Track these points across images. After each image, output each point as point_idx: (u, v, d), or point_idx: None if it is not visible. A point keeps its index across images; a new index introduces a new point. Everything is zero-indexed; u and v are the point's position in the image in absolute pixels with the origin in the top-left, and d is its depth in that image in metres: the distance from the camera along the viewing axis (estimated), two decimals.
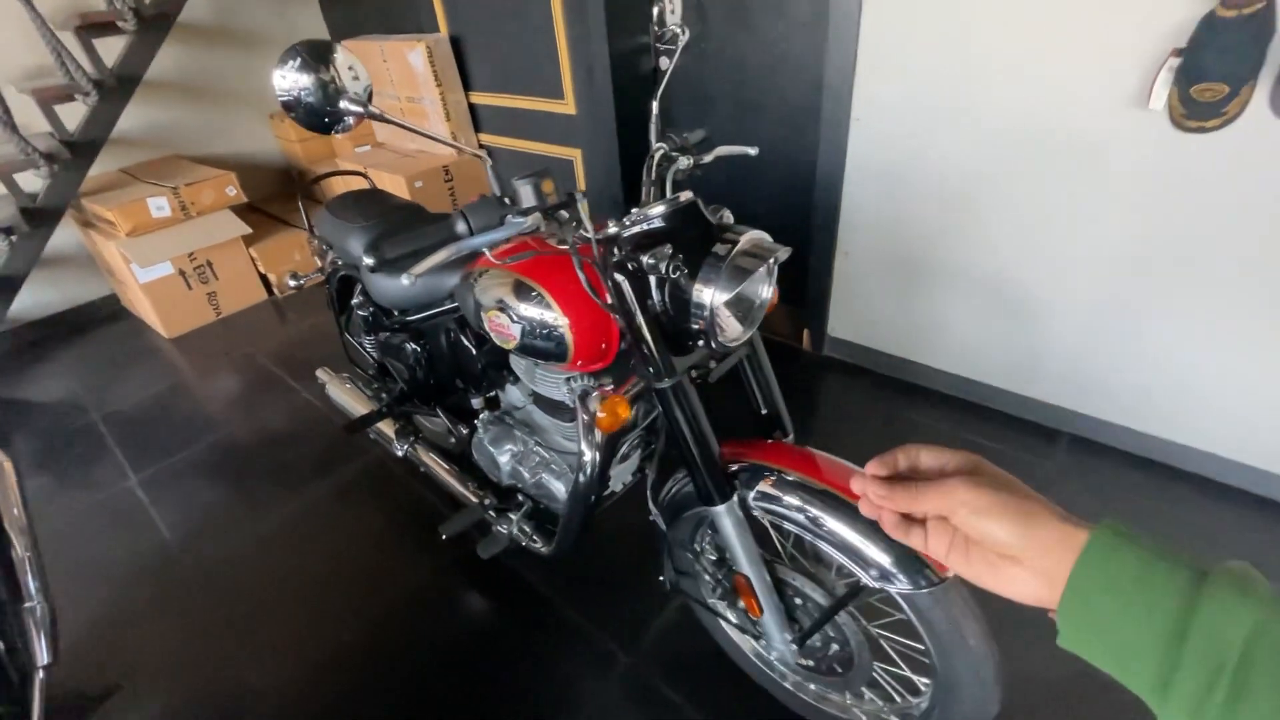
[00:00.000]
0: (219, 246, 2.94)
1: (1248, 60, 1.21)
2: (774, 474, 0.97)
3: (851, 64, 1.78)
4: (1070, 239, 1.63)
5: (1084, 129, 1.49)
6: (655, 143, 1.06)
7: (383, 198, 1.67)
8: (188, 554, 1.78)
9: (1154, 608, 0.31)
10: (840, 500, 0.91)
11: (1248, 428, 1.58)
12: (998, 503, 0.38)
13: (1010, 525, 0.37)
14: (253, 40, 3.43)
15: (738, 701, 1.30)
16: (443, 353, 1.40)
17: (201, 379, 2.63)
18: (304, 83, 0.71)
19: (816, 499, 0.93)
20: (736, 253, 0.81)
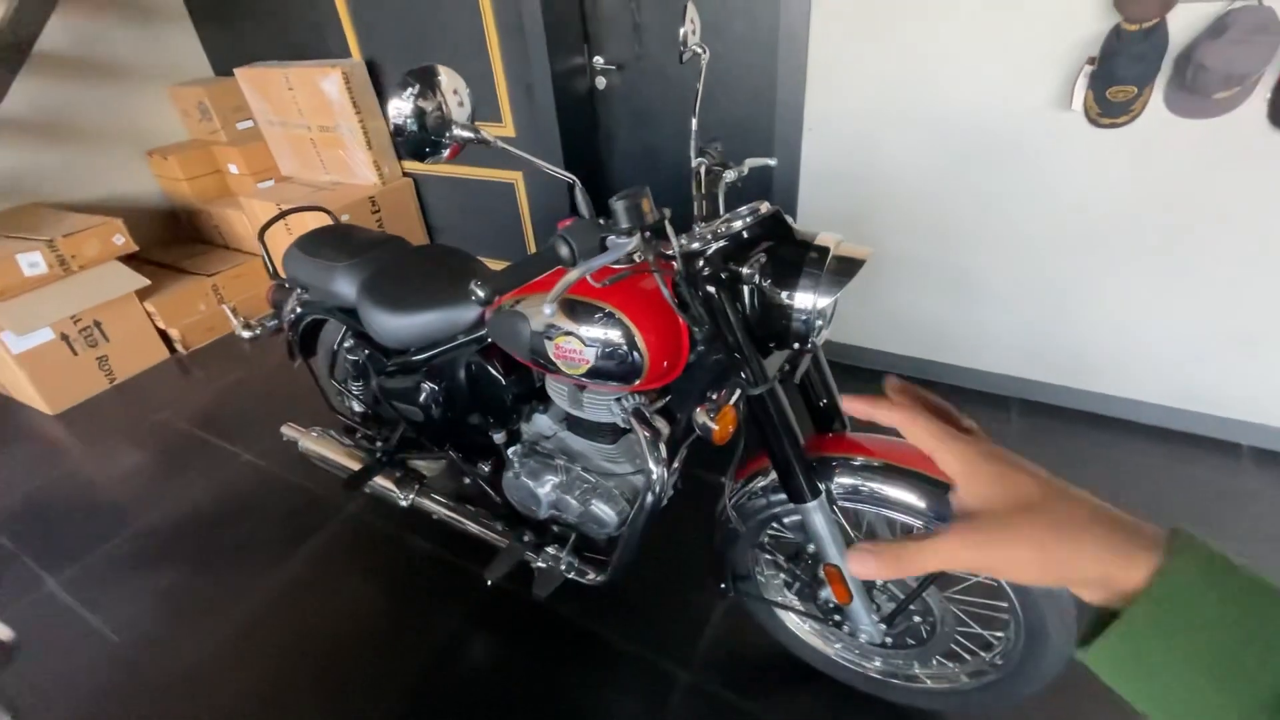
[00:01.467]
0: (109, 304, 2.58)
1: (1150, 65, 1.45)
2: (844, 462, 1.02)
3: (802, 78, 1.91)
4: (1008, 226, 1.85)
5: (1016, 128, 1.70)
6: (695, 158, 1.08)
7: (356, 231, 1.56)
8: (148, 656, 1.53)
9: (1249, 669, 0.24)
10: (920, 476, 0.98)
11: (1165, 374, 1.86)
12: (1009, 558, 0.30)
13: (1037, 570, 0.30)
14: (121, 71, 3.05)
15: (804, 694, 1.33)
16: (460, 388, 1.33)
17: (106, 456, 2.27)
18: (413, 110, 0.66)
19: (887, 475, 0.98)
20: (832, 259, 0.85)
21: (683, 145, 2.45)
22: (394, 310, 1.29)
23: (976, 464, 0.33)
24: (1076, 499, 0.31)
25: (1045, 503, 0.31)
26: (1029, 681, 1.07)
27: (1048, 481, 0.32)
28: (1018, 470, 0.32)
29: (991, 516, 0.31)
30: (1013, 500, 0.31)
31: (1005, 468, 0.32)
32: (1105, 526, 0.29)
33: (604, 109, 2.56)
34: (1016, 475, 0.32)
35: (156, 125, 3.23)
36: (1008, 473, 0.32)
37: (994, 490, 0.32)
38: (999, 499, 0.32)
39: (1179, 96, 1.47)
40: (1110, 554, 0.28)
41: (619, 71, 2.44)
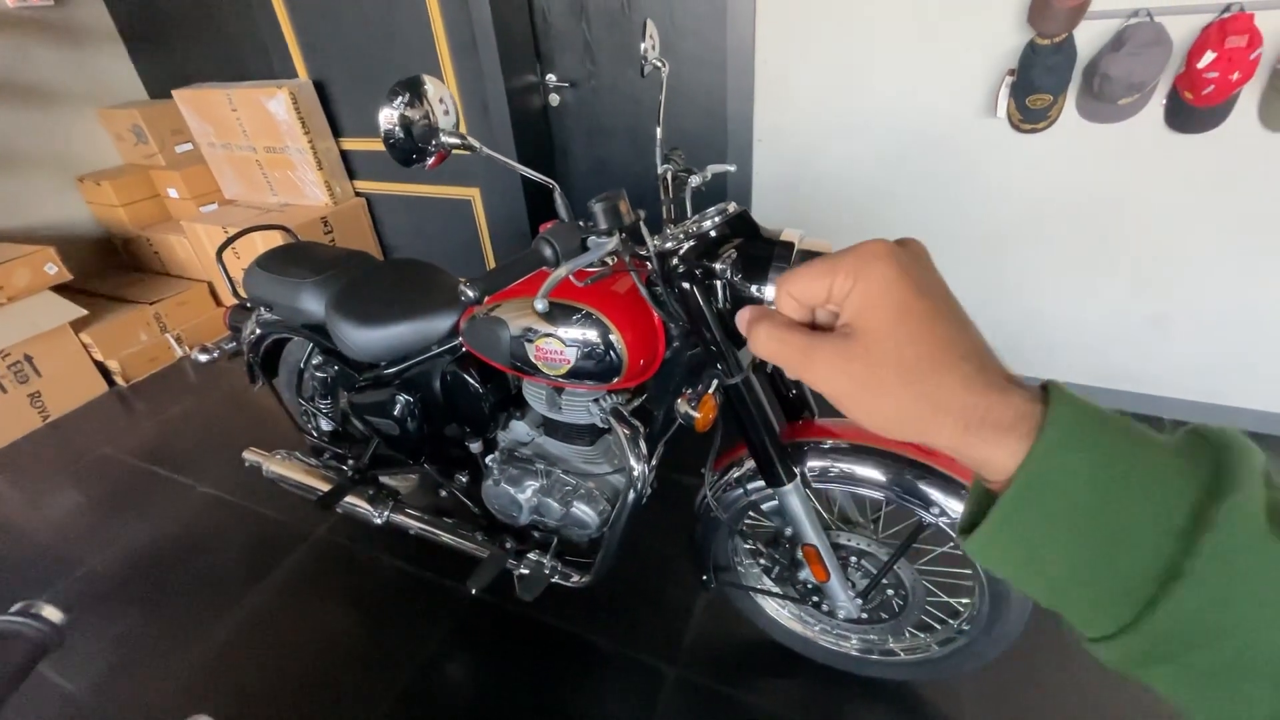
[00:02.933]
0: (40, 337, 2.44)
1: (1062, 76, 1.59)
2: (815, 445, 1.08)
3: (750, 93, 2.01)
4: (944, 225, 1.98)
5: (948, 135, 1.83)
6: (661, 165, 1.13)
7: (319, 248, 1.55)
8: (106, 706, 1.45)
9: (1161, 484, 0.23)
10: (886, 454, 1.04)
11: (1088, 355, 2.02)
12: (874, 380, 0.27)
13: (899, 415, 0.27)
14: (47, 95, 2.92)
15: (788, 677, 1.37)
16: (436, 399, 1.33)
17: (43, 498, 2.14)
18: (402, 119, 0.69)
19: (860, 456, 1.05)
20: (798, 251, 0.91)
21: (634, 159, 2.52)
22: (365, 324, 1.28)
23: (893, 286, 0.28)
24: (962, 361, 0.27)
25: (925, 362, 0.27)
26: (995, 643, 1.14)
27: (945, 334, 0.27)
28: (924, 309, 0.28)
29: (868, 353, 0.28)
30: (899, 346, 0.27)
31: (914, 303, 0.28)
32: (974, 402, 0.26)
33: (558, 125, 2.61)
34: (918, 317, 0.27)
35: (87, 150, 3.10)
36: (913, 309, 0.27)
37: (888, 326, 0.27)
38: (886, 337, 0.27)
39: (1089, 103, 1.63)
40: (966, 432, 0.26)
41: (572, 89, 2.49)
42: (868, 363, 0.27)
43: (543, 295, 0.73)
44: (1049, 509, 0.24)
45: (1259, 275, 1.71)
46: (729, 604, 1.42)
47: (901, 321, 0.27)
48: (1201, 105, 1.51)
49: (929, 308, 0.28)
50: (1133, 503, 0.23)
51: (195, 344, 1.59)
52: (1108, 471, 0.24)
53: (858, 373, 0.28)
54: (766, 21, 1.88)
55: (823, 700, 1.33)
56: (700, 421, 0.95)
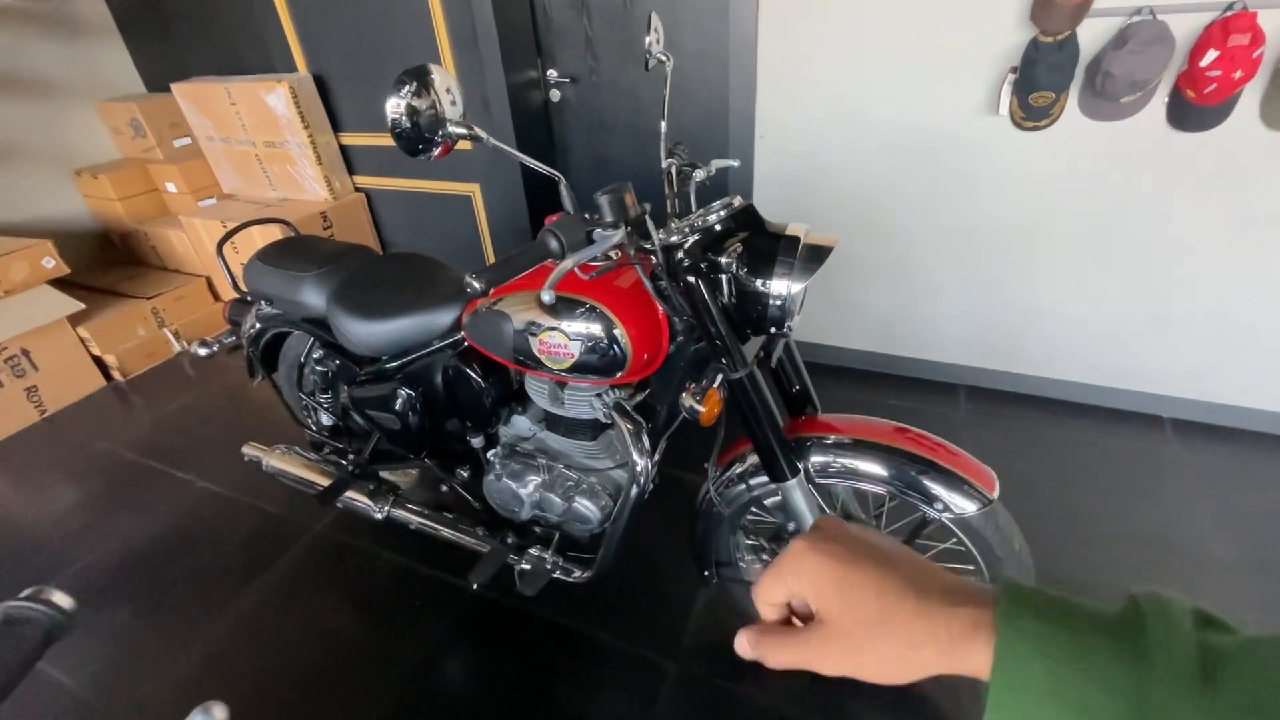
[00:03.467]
0: (37, 331, 2.43)
1: (1065, 73, 1.59)
2: (817, 440, 1.08)
3: (752, 88, 2.00)
4: (947, 223, 1.98)
5: (950, 133, 1.83)
6: (665, 159, 1.13)
7: (319, 242, 1.54)
8: (102, 700, 1.44)
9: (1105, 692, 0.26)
10: (883, 447, 1.04)
11: (1090, 354, 2.02)
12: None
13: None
14: (45, 88, 2.90)
15: (791, 673, 1.37)
16: (438, 394, 1.33)
17: (40, 492, 2.13)
18: (408, 108, 0.68)
19: (863, 452, 1.05)
20: (804, 246, 0.91)
21: (635, 154, 2.52)
22: (367, 317, 1.28)
23: (816, 577, 0.34)
24: (903, 598, 0.31)
25: (880, 614, 0.31)
26: None
27: (878, 583, 0.32)
28: (850, 576, 0.33)
29: (840, 632, 0.32)
30: (854, 615, 0.32)
31: (847, 573, 0.33)
32: (933, 625, 0.30)
33: (559, 121, 2.60)
34: (849, 586, 0.33)
35: (85, 143, 3.08)
36: (849, 581, 0.33)
37: (834, 606, 0.33)
38: (844, 614, 0.32)
39: (1092, 101, 1.63)
40: (944, 655, 0.30)
41: (572, 84, 2.49)
42: (842, 637, 0.32)
43: (549, 287, 0.73)
44: (1024, 697, 0.27)
45: (1259, 274, 1.72)
46: (730, 599, 1.42)
47: (844, 594, 0.33)
48: (1203, 104, 1.51)
49: (859, 571, 0.33)
50: (1088, 678, 0.26)
51: (193, 339, 1.58)
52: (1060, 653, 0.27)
53: (843, 647, 0.32)
54: (769, 17, 1.87)
55: (823, 695, 1.33)
56: (705, 416, 0.94)
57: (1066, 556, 1.58)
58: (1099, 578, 1.53)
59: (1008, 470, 1.87)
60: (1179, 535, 1.63)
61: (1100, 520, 1.68)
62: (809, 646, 0.34)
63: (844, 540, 0.35)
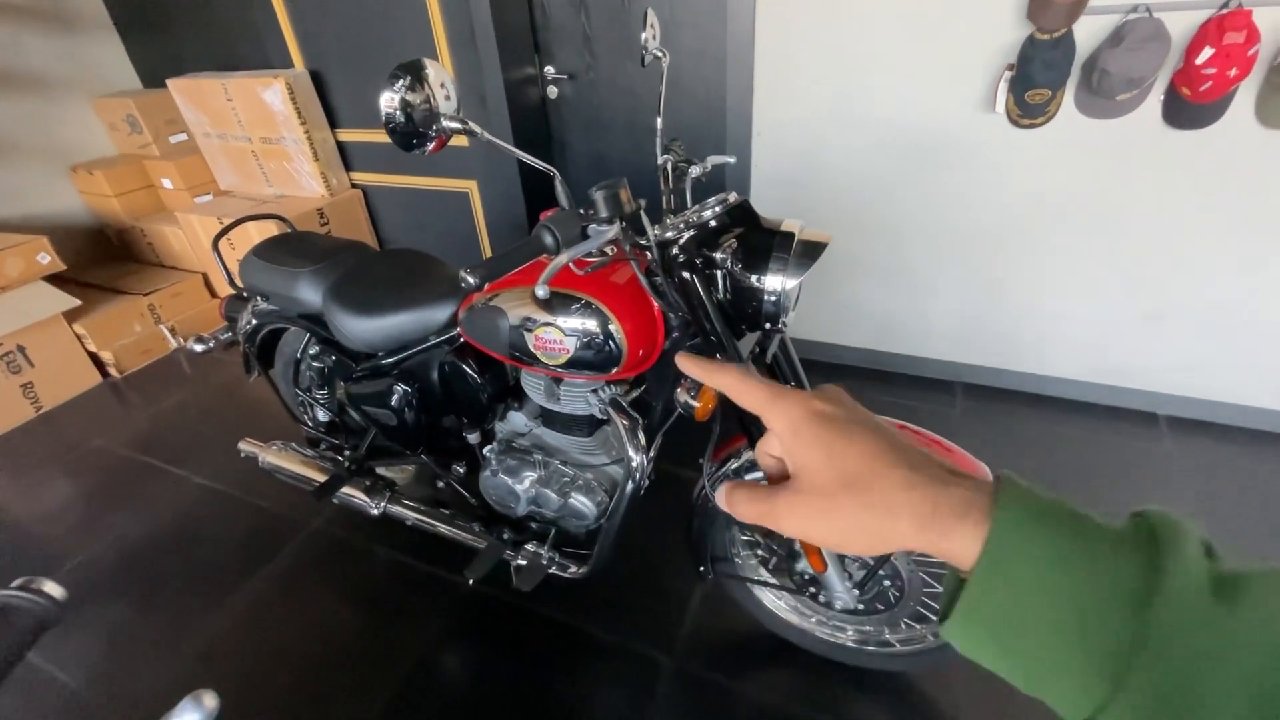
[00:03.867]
0: (33, 327, 2.42)
1: (1061, 71, 1.60)
2: None
3: (749, 86, 2.00)
4: (943, 221, 1.98)
5: (946, 131, 1.84)
6: (661, 155, 1.13)
7: (316, 238, 1.54)
8: (101, 698, 1.44)
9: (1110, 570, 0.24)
10: None
11: (1085, 352, 2.03)
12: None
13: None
14: (39, 84, 2.89)
15: (783, 668, 1.38)
16: (434, 390, 1.33)
17: (37, 489, 2.13)
18: (401, 103, 0.69)
19: None
20: (799, 242, 0.91)
21: (632, 151, 2.51)
22: (364, 313, 1.28)
23: (801, 426, 0.31)
24: (894, 467, 0.29)
25: (863, 476, 0.29)
26: None
27: (869, 450, 0.30)
28: (841, 434, 0.31)
29: (812, 488, 0.30)
30: (832, 470, 0.30)
31: (828, 432, 0.31)
32: (919, 498, 0.28)
33: (556, 118, 2.60)
34: (838, 441, 0.30)
35: (80, 139, 3.07)
36: (830, 438, 0.31)
37: (816, 457, 0.31)
38: (820, 468, 0.30)
39: (1087, 99, 1.63)
40: (923, 530, 0.27)
41: (570, 81, 2.48)
42: (814, 494, 0.30)
43: (543, 282, 0.73)
44: (1013, 590, 0.25)
45: (1254, 271, 1.72)
46: (726, 595, 1.42)
47: (826, 450, 0.30)
48: (1199, 101, 1.52)
49: (848, 432, 0.31)
50: (1089, 580, 0.24)
51: (189, 335, 1.58)
52: (1062, 550, 0.25)
53: (812, 505, 0.30)
54: (766, 15, 1.87)
55: (818, 691, 1.34)
56: (700, 411, 0.95)
57: None
58: None
59: (1003, 466, 1.87)
60: None
61: None
62: (775, 500, 0.31)
63: (841, 404, 0.33)
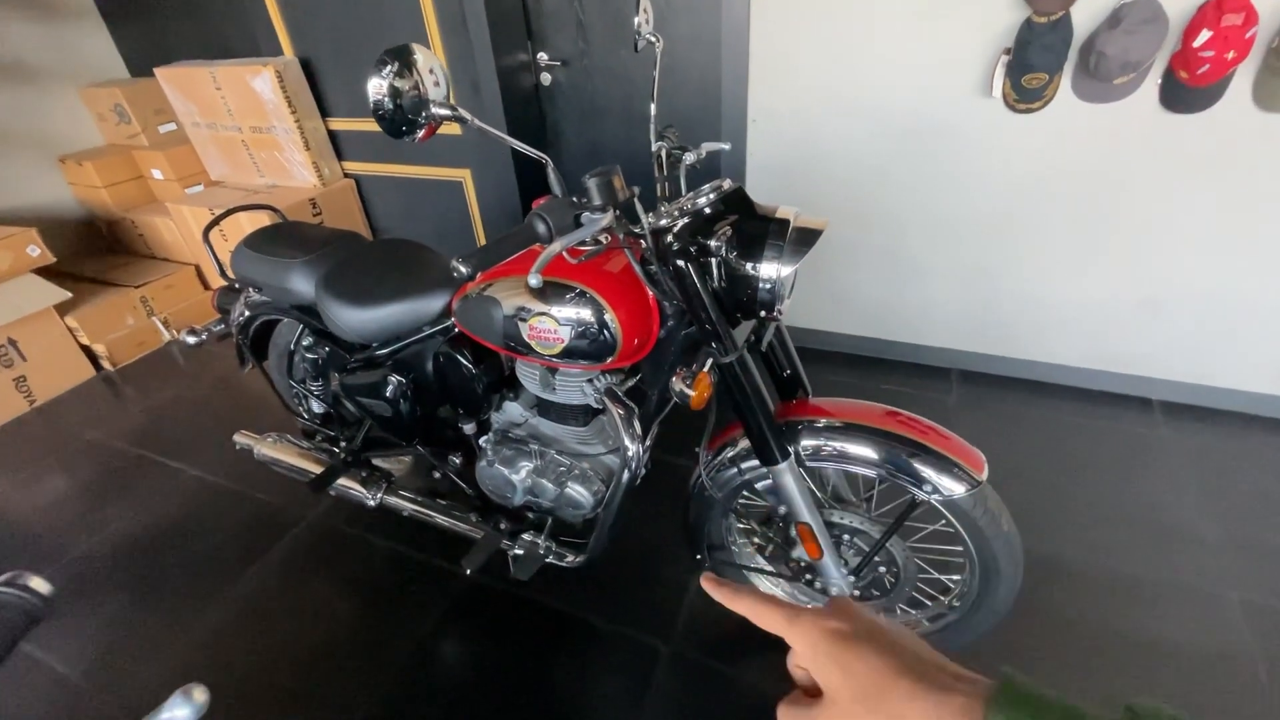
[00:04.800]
0: (24, 320, 2.40)
1: (1058, 54, 1.58)
2: (808, 424, 1.08)
3: (744, 73, 1.98)
4: (939, 207, 1.97)
5: (943, 117, 1.82)
6: (655, 142, 1.12)
7: (308, 228, 1.53)
8: (106, 693, 1.44)
9: None
10: (873, 430, 1.05)
11: (1081, 338, 2.03)
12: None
13: None
14: (25, 73, 2.85)
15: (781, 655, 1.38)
16: (429, 380, 1.32)
17: (33, 483, 2.12)
18: (390, 89, 0.67)
19: (854, 435, 1.05)
20: (794, 229, 0.91)
21: (627, 139, 2.49)
22: (358, 304, 1.27)
23: (819, 647, 0.35)
24: (900, 678, 0.32)
25: (873, 691, 0.33)
26: (985, 618, 1.16)
27: (878, 664, 0.33)
28: (853, 652, 0.34)
29: (834, 705, 0.34)
30: (848, 688, 0.33)
31: (842, 651, 0.34)
32: (923, 708, 0.31)
33: (550, 105, 2.57)
34: (851, 659, 0.34)
35: (69, 130, 3.03)
36: (845, 657, 0.34)
37: (835, 676, 0.34)
38: (839, 686, 0.34)
39: (1085, 82, 1.62)
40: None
41: (564, 68, 2.46)
42: (840, 713, 0.34)
43: (536, 271, 0.72)
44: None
45: (1251, 256, 1.72)
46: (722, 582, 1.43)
47: (842, 669, 0.34)
48: (1196, 85, 1.51)
49: (860, 649, 0.34)
50: None
51: (183, 327, 1.57)
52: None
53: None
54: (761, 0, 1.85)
55: None
56: (695, 399, 0.94)
57: (1056, 537, 1.60)
58: (1088, 558, 1.54)
59: (999, 452, 1.89)
60: (1166, 516, 1.65)
61: (1089, 501, 1.70)
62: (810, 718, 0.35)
63: (850, 619, 0.36)
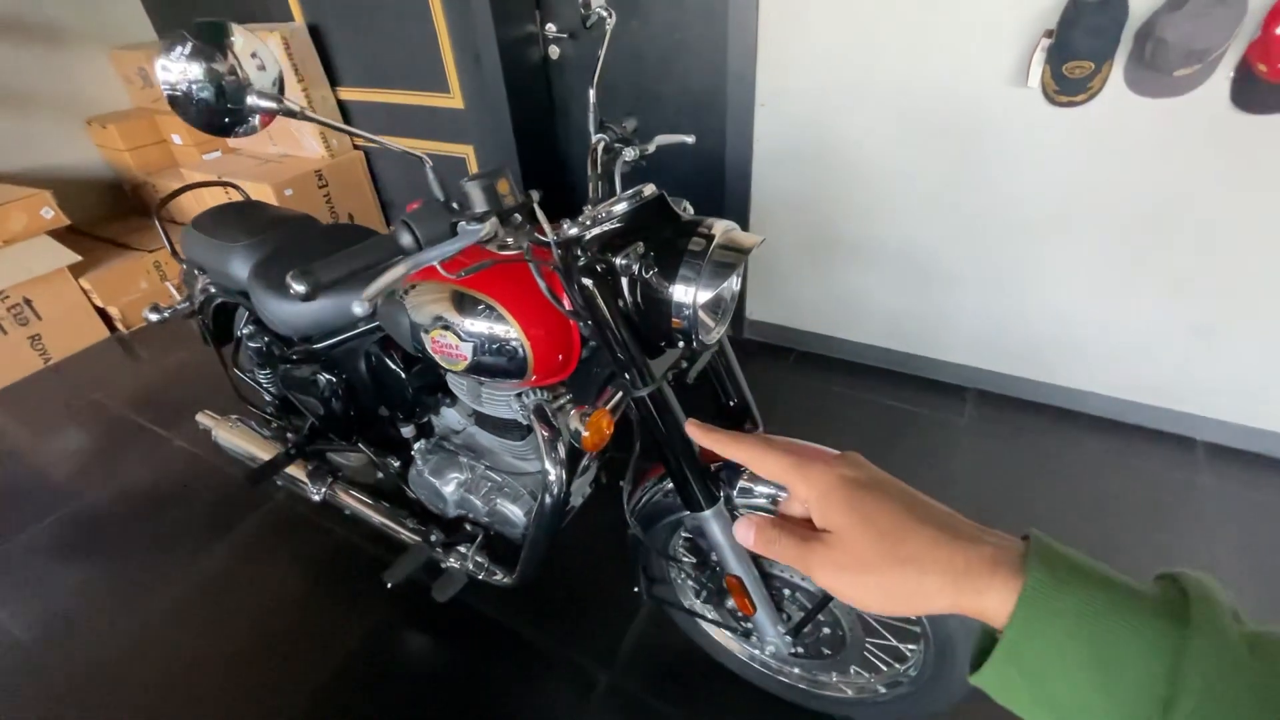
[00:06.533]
0: (39, 280, 2.46)
1: (1108, 39, 1.35)
2: None
3: (753, 50, 1.80)
4: (963, 209, 1.76)
5: (970, 108, 1.60)
6: (595, 134, 0.99)
7: (261, 209, 1.46)
8: (54, 658, 1.46)
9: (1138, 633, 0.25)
10: None
11: (1119, 365, 1.80)
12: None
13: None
14: (56, 34, 2.89)
15: (725, 699, 1.28)
16: (363, 380, 1.25)
17: (37, 439, 2.19)
18: (195, 74, 0.57)
19: None
20: (715, 247, 0.77)
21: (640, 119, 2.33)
22: (285, 295, 1.20)
23: (831, 492, 0.33)
24: (924, 524, 0.31)
25: (894, 534, 0.31)
26: (946, 693, 1.02)
27: (898, 509, 0.32)
28: (870, 496, 0.32)
29: (842, 545, 0.32)
30: (865, 530, 0.31)
31: (858, 495, 0.33)
32: (950, 554, 0.29)
33: (557, 79, 2.44)
34: (869, 502, 0.32)
35: (98, 92, 3.08)
36: (861, 501, 0.32)
37: (849, 519, 0.32)
38: (853, 528, 0.32)
39: (1139, 73, 1.38)
40: (954, 586, 0.29)
41: (572, 40, 2.31)
42: (849, 551, 0.32)
43: (369, 296, 0.61)
44: (1049, 642, 0.26)
45: None
46: (668, 618, 1.32)
47: (859, 512, 0.32)
48: (1277, 81, 1.26)
49: (876, 494, 0.33)
50: (1121, 634, 0.25)
51: None
52: (1097, 604, 0.26)
53: (845, 560, 0.32)
54: None
55: None
56: (588, 441, 0.83)
57: None
58: None
59: (1007, 485, 1.70)
60: None
61: (1109, 552, 1.50)
62: (811, 550, 0.33)
63: (866, 469, 0.34)
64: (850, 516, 0.32)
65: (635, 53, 2.19)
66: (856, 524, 0.32)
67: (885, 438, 1.90)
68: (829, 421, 1.99)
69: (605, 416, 0.85)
